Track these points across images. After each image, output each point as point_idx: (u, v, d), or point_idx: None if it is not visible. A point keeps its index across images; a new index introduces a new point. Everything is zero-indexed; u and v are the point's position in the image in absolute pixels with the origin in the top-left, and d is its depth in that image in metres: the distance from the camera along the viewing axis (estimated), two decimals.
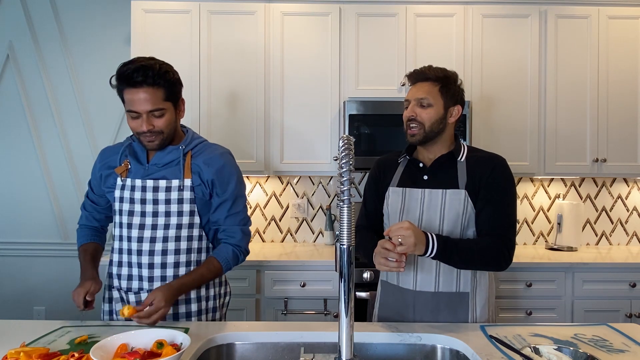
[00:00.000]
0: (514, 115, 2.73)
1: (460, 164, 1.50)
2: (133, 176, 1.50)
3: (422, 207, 1.50)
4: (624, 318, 2.48)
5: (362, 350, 1.31)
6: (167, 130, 1.46)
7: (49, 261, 3.06)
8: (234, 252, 1.54)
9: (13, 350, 1.12)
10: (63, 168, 3.05)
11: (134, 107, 1.40)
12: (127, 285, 1.50)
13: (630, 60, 2.75)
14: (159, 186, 1.48)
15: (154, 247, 1.47)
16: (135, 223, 1.48)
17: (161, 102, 1.42)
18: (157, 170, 1.50)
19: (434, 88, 1.51)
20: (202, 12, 2.68)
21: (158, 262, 1.47)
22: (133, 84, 1.38)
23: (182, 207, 1.49)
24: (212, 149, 1.56)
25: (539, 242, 3.08)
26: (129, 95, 1.40)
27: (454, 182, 1.48)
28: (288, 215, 3.06)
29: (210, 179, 1.51)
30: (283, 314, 2.45)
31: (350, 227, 1.00)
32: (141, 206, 1.48)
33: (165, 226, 1.47)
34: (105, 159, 1.58)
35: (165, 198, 1.47)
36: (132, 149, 1.54)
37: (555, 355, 1.15)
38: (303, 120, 2.72)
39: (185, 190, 1.48)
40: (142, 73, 1.37)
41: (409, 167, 1.58)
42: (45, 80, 3.02)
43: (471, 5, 2.71)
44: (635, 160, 2.76)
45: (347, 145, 1.01)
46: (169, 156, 1.50)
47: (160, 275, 1.47)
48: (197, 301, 1.52)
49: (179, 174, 1.49)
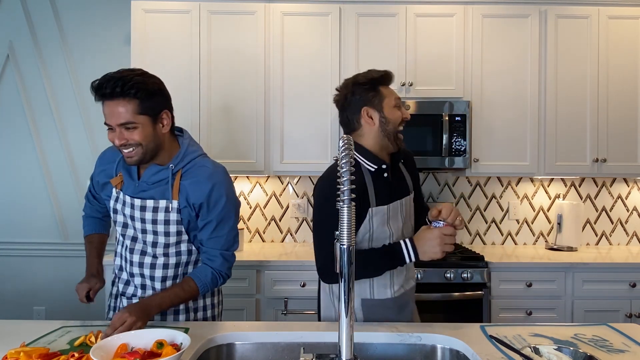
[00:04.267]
0: (514, 115, 2.73)
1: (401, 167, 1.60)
2: (125, 190, 1.48)
3: (402, 216, 1.52)
4: (624, 318, 2.48)
5: (362, 350, 1.31)
6: (145, 143, 1.37)
7: (49, 261, 3.06)
8: (213, 275, 1.48)
9: (13, 350, 1.12)
10: (63, 168, 3.05)
11: (107, 120, 1.35)
12: (122, 290, 1.54)
13: (630, 60, 2.75)
14: (146, 206, 1.44)
15: (143, 260, 1.49)
16: (129, 235, 1.50)
17: (133, 116, 1.33)
18: (147, 188, 1.45)
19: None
20: (202, 12, 2.68)
21: (147, 275, 1.49)
22: (103, 96, 1.32)
23: (169, 227, 1.45)
24: (202, 169, 1.46)
25: (539, 242, 3.08)
26: (105, 108, 1.34)
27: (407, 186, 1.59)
28: (288, 215, 3.06)
29: (197, 202, 1.44)
30: (283, 314, 2.45)
31: (350, 227, 1.00)
32: (131, 221, 1.48)
33: (152, 244, 1.47)
34: (103, 165, 1.56)
35: (152, 218, 1.44)
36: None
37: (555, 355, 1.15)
38: (303, 120, 2.71)
39: (172, 212, 1.44)
40: (111, 85, 1.30)
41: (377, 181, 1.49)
42: (45, 80, 3.02)
43: (471, 5, 2.71)
44: (635, 160, 2.76)
45: (347, 145, 1.01)
46: (157, 175, 1.44)
47: (151, 285, 1.50)
48: (186, 312, 1.51)
49: (167, 194, 1.44)
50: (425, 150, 2.65)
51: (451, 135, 2.65)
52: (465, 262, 2.47)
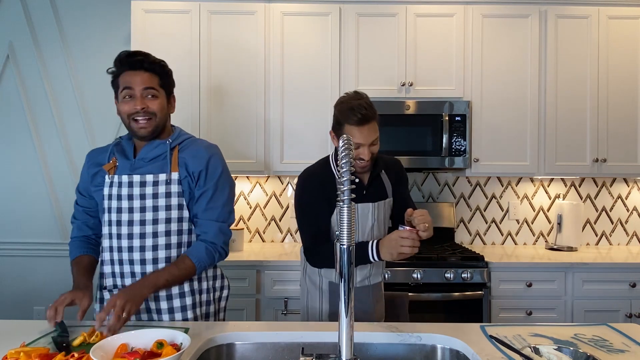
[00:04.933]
0: (514, 115, 2.73)
1: (383, 176, 1.74)
2: (120, 172, 1.49)
3: (373, 218, 1.67)
4: (624, 318, 2.48)
5: (362, 350, 1.31)
6: (159, 115, 1.47)
7: (49, 261, 3.06)
8: (207, 250, 1.49)
9: (13, 350, 1.12)
10: (63, 168, 3.05)
11: (131, 84, 1.44)
12: (121, 283, 1.48)
13: (630, 60, 2.75)
14: (145, 181, 1.46)
15: (144, 243, 1.45)
16: (124, 220, 1.46)
17: (156, 85, 1.47)
18: (143, 165, 1.49)
19: (376, 125, 1.60)
20: (202, 12, 2.68)
21: (150, 258, 1.45)
22: (132, 66, 1.44)
23: (170, 200, 1.47)
24: (199, 142, 1.56)
25: (539, 242, 3.08)
26: (126, 77, 1.45)
27: (385, 192, 1.73)
28: (288, 215, 3.06)
29: (196, 170, 1.50)
30: (283, 314, 2.45)
31: (350, 227, 1.01)
32: (129, 202, 1.46)
33: (154, 221, 1.45)
34: (93, 158, 1.57)
35: (153, 192, 1.46)
36: (121, 146, 1.54)
37: (555, 355, 1.15)
38: (303, 120, 2.72)
39: (172, 184, 1.47)
40: (141, 56, 1.46)
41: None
42: (45, 80, 3.02)
43: (471, 5, 2.72)
44: (635, 160, 2.76)
45: (347, 145, 1.01)
46: (155, 150, 1.49)
47: (139, 272, 1.46)
48: (191, 294, 1.50)
49: (165, 168, 1.48)
50: (425, 150, 2.65)
51: (451, 135, 2.65)
52: (465, 262, 2.47)
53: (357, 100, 1.57)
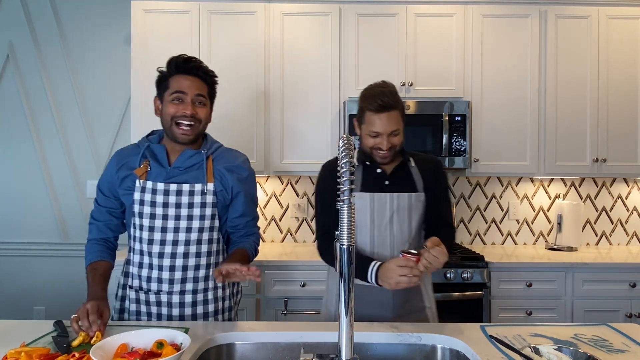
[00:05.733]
0: (514, 115, 2.73)
1: (412, 169, 1.65)
2: (154, 179, 1.48)
3: (392, 210, 1.59)
4: (624, 318, 2.48)
5: (362, 350, 1.31)
6: (204, 123, 1.51)
7: (49, 261, 3.06)
8: (255, 244, 1.61)
9: (13, 350, 1.12)
10: (63, 168, 3.05)
11: (184, 89, 1.46)
12: (147, 287, 1.49)
13: (630, 60, 2.75)
14: (182, 190, 1.47)
15: (176, 250, 1.47)
16: (158, 226, 1.46)
17: (206, 94, 1.52)
18: (179, 174, 1.49)
19: (399, 115, 1.55)
20: (202, 12, 2.68)
21: (179, 265, 1.47)
22: (188, 71, 1.47)
23: (205, 210, 1.49)
24: (232, 154, 1.60)
25: (539, 242, 3.08)
26: (180, 81, 1.46)
27: (413, 186, 1.63)
28: (288, 215, 3.06)
29: (233, 185, 1.54)
30: (283, 314, 2.45)
31: (350, 227, 1.01)
32: (163, 209, 1.46)
33: (187, 230, 1.47)
34: (122, 159, 1.53)
35: (188, 202, 1.47)
36: (151, 150, 1.53)
37: (555, 355, 1.15)
38: (303, 120, 2.72)
39: (208, 194, 1.49)
40: (197, 64, 1.50)
41: (367, 173, 1.63)
42: (45, 80, 3.02)
43: (471, 5, 2.72)
44: (635, 160, 2.76)
45: (347, 145, 1.01)
46: (191, 160, 1.51)
47: (180, 278, 1.48)
48: (214, 302, 1.53)
49: (201, 178, 1.50)
50: (425, 150, 2.65)
51: (451, 135, 2.65)
52: (465, 262, 2.47)
53: (380, 88, 1.54)
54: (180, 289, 1.47)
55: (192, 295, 1.49)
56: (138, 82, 2.67)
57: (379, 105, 1.49)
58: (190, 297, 1.48)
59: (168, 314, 1.48)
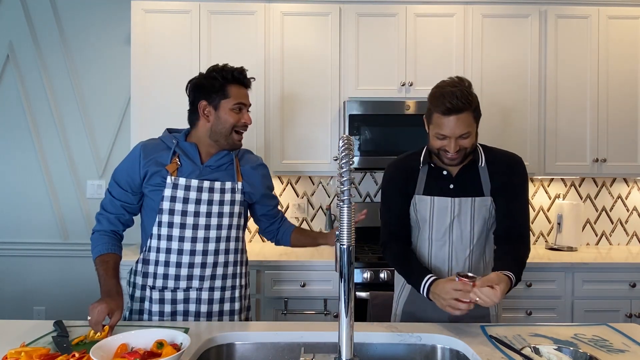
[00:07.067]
0: (514, 115, 2.73)
1: (481, 170, 1.53)
2: (187, 176, 1.51)
3: (452, 215, 1.52)
4: (624, 318, 2.48)
5: (362, 350, 1.31)
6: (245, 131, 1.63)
7: (49, 261, 3.06)
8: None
9: (13, 350, 1.12)
10: (63, 168, 3.05)
11: (244, 100, 1.56)
12: (174, 285, 1.49)
13: (630, 60, 2.75)
14: (214, 187, 1.52)
15: (207, 247, 1.51)
16: (189, 223, 1.49)
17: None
18: (210, 172, 1.55)
19: (470, 117, 1.41)
20: (202, 12, 2.68)
21: (210, 262, 1.51)
22: (246, 84, 1.58)
23: (234, 208, 1.55)
24: (253, 155, 1.71)
25: (539, 242, 3.08)
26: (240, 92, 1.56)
27: (479, 189, 1.52)
28: (288, 215, 3.06)
29: (259, 185, 1.64)
30: (283, 314, 2.45)
31: (350, 227, 1.00)
32: (195, 206, 1.49)
33: (218, 226, 1.52)
34: (150, 154, 1.51)
35: (220, 199, 1.53)
36: (181, 148, 1.55)
37: (555, 355, 1.15)
38: (303, 120, 2.72)
39: (237, 193, 1.56)
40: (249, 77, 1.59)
41: (432, 175, 1.56)
42: (45, 80, 3.02)
43: (471, 5, 2.71)
44: (635, 160, 2.76)
45: (347, 145, 1.01)
46: (222, 159, 1.57)
47: (210, 275, 1.52)
48: (240, 300, 1.58)
49: (231, 177, 1.57)
50: None
51: None
52: None
53: (452, 87, 1.40)
54: (210, 285, 1.52)
55: (220, 292, 1.53)
56: (138, 82, 2.67)
57: (447, 108, 1.37)
58: (219, 293, 1.54)
59: (196, 310, 1.51)
